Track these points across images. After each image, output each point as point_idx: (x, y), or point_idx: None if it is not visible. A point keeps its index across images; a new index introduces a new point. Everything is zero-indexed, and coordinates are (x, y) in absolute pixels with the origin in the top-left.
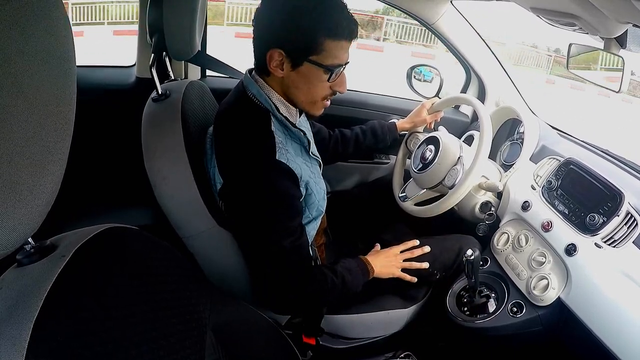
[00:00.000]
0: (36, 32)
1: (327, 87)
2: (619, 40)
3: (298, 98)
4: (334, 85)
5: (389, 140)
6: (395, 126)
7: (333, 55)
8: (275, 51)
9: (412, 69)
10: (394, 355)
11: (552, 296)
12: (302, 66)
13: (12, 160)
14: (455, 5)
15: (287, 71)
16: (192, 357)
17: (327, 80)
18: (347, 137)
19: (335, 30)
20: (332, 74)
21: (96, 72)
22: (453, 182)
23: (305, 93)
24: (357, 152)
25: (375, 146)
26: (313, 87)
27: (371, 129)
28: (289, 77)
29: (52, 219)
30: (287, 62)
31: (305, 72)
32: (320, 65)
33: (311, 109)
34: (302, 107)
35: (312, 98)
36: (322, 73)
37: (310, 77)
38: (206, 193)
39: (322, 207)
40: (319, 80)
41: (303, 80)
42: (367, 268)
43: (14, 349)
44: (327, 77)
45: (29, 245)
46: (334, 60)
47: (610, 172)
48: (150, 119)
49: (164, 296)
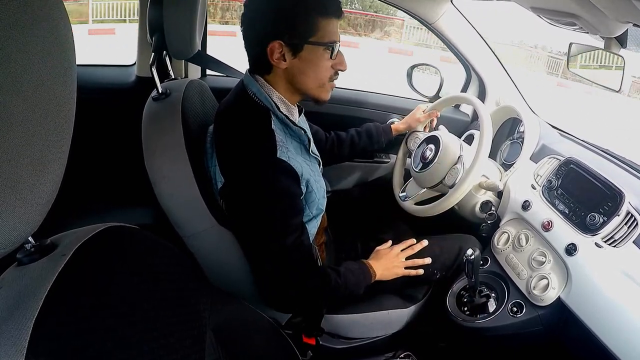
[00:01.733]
0: (36, 32)
1: (330, 68)
2: (619, 40)
3: (307, 84)
4: (335, 64)
5: (384, 142)
6: (390, 128)
7: (329, 33)
8: (275, 43)
9: (413, 68)
10: (394, 355)
11: (552, 296)
12: (303, 51)
13: (12, 160)
14: (455, 5)
15: (290, 60)
16: (192, 357)
17: (329, 59)
18: (342, 139)
19: (326, 8)
20: (332, 52)
21: (96, 71)
22: (453, 182)
23: (312, 77)
24: (353, 153)
25: (371, 147)
26: (318, 68)
27: (366, 131)
28: (293, 66)
29: (52, 218)
30: (288, 52)
31: (307, 56)
32: (320, 44)
33: (320, 93)
34: (312, 93)
35: (319, 81)
36: (323, 52)
37: (314, 59)
38: (206, 192)
39: (322, 205)
40: (322, 61)
41: (307, 65)
42: (369, 271)
43: (14, 349)
44: (328, 56)
45: (29, 244)
46: (330, 37)
47: (611, 172)
48: (151, 117)
49: (164, 295)
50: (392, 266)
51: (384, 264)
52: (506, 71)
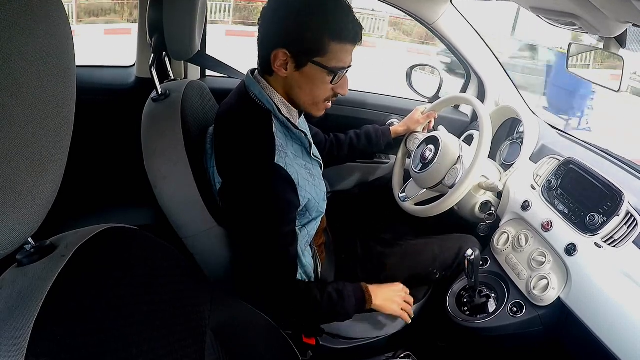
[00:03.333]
0: (36, 33)
1: (329, 89)
2: (618, 40)
3: (300, 99)
4: (335, 87)
5: (383, 144)
6: (389, 131)
7: (337, 58)
8: (280, 51)
9: (412, 68)
10: (394, 355)
11: (552, 296)
12: (306, 67)
13: (12, 161)
14: (455, 5)
15: (291, 71)
16: (192, 357)
17: (330, 82)
18: (341, 141)
19: (341, 33)
20: (335, 77)
21: (96, 72)
22: (453, 182)
23: (307, 94)
24: (351, 155)
25: (370, 150)
26: (316, 88)
27: (365, 133)
28: (292, 78)
29: (52, 219)
30: (291, 63)
31: (309, 73)
32: (324, 67)
33: (312, 109)
34: (304, 107)
35: (314, 99)
36: (326, 75)
37: (314, 78)
38: (206, 193)
39: (322, 208)
40: (321, 82)
41: (306, 81)
42: (364, 296)
43: (14, 349)
44: (330, 79)
45: (29, 245)
46: (338, 62)
47: (610, 172)
48: (150, 118)
49: (164, 296)
50: (392, 299)
51: (386, 293)
52: (505, 71)
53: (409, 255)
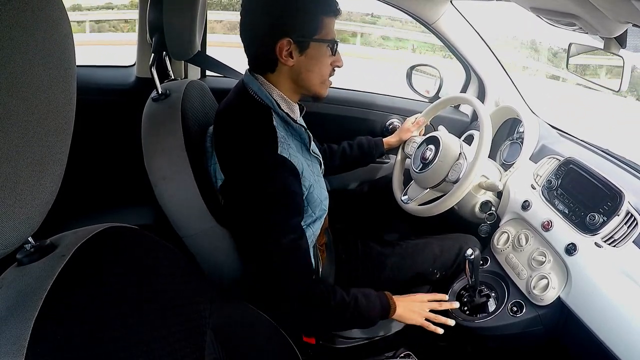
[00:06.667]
0: (36, 33)
1: (329, 65)
2: (618, 40)
3: (311, 81)
4: (334, 61)
5: (376, 154)
6: (382, 142)
7: (331, 31)
8: (284, 40)
9: (412, 68)
10: (394, 355)
11: (552, 296)
12: (309, 49)
13: (12, 160)
14: (455, 5)
15: (297, 57)
16: (192, 357)
17: (330, 56)
18: (333, 151)
19: (329, 7)
20: (333, 48)
21: (96, 72)
22: (458, 176)
23: (317, 74)
24: (344, 165)
25: (362, 160)
26: (322, 65)
27: (358, 143)
28: (299, 63)
29: (52, 219)
30: (295, 49)
31: (312, 53)
32: (324, 41)
33: (322, 89)
34: (314, 89)
35: (322, 77)
36: (326, 49)
37: (318, 56)
38: (206, 192)
39: (325, 206)
40: (324, 57)
41: (313, 62)
42: (389, 303)
43: (14, 348)
44: (329, 53)
45: (29, 245)
46: (331, 35)
47: (610, 172)
48: (150, 118)
49: (164, 296)
50: (414, 310)
51: (408, 304)
52: (505, 71)
53: (409, 255)
